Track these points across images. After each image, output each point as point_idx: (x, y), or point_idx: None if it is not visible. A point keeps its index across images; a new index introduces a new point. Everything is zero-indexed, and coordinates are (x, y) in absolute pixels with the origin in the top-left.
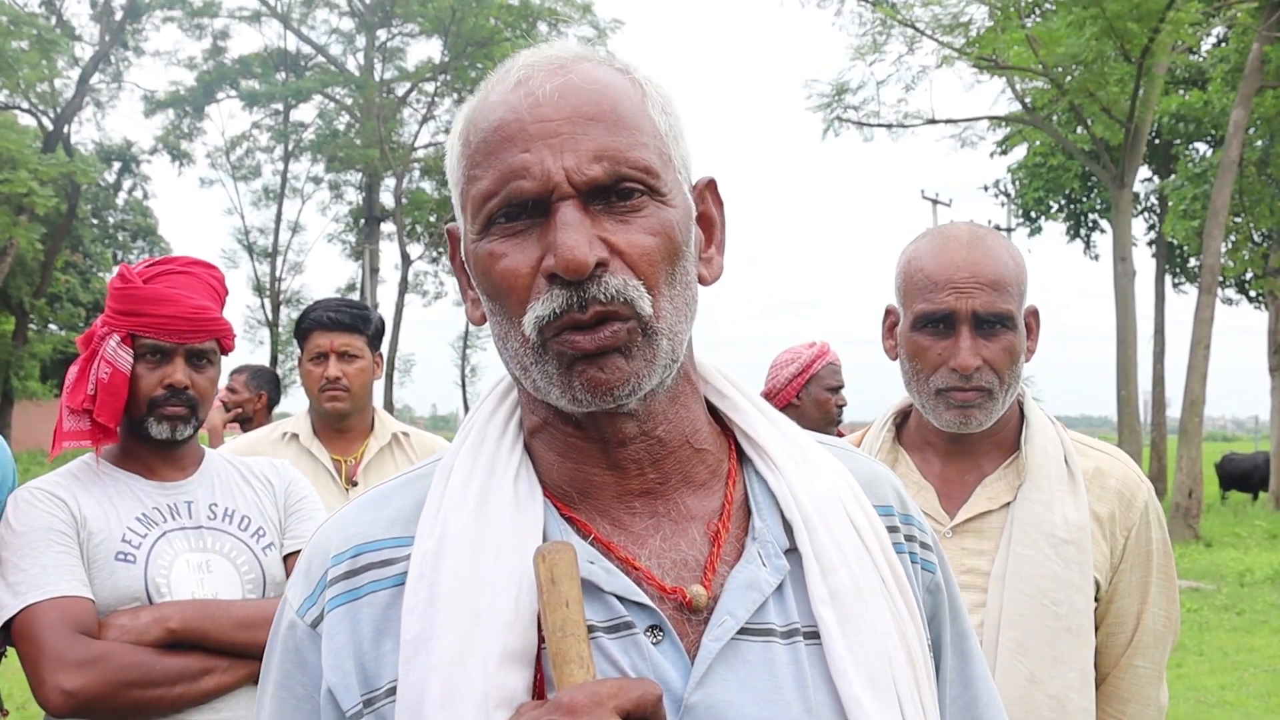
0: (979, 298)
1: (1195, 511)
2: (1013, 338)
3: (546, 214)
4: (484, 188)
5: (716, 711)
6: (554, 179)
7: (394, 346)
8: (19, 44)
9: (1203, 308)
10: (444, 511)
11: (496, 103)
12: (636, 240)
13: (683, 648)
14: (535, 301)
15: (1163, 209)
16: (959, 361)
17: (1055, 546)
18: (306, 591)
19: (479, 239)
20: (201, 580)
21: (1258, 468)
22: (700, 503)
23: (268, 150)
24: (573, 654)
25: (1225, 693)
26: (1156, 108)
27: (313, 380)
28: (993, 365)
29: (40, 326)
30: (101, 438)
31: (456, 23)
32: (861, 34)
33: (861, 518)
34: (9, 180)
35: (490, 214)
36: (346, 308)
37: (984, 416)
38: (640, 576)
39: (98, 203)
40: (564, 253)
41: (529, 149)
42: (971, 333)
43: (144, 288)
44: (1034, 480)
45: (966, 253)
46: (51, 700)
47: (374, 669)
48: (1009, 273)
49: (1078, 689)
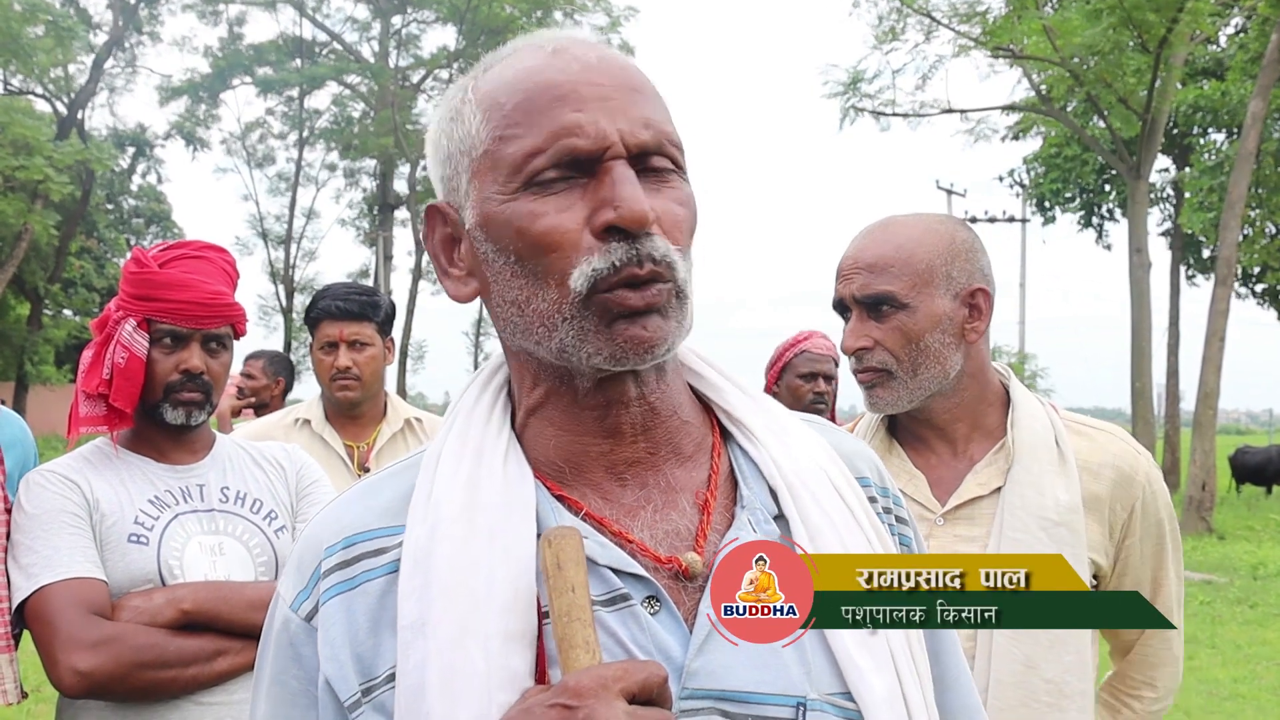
0: (856, 281)
1: (1208, 504)
2: (903, 317)
3: (591, 174)
4: (528, 145)
5: (717, 677)
6: (609, 138)
7: (407, 333)
8: (34, 30)
9: (1218, 300)
10: (435, 497)
11: (536, 66)
12: (671, 209)
13: (680, 616)
14: (590, 257)
15: (1179, 200)
16: (844, 344)
17: (1047, 529)
18: (300, 585)
19: (510, 199)
20: (214, 562)
21: (1271, 461)
22: (688, 475)
23: (282, 137)
24: (578, 639)
25: (1237, 686)
26: (1174, 98)
27: (324, 369)
28: (885, 345)
29: (54, 312)
30: (117, 422)
31: (472, 10)
32: (878, 22)
33: (845, 485)
34: (24, 166)
35: (534, 171)
36: (356, 295)
37: (890, 396)
38: (634, 549)
39: (112, 188)
40: (630, 203)
41: (581, 109)
42: (862, 315)
43: (160, 272)
44: (1023, 463)
45: (859, 241)
46: (65, 681)
47: (371, 657)
48: (896, 255)
49: (1075, 672)
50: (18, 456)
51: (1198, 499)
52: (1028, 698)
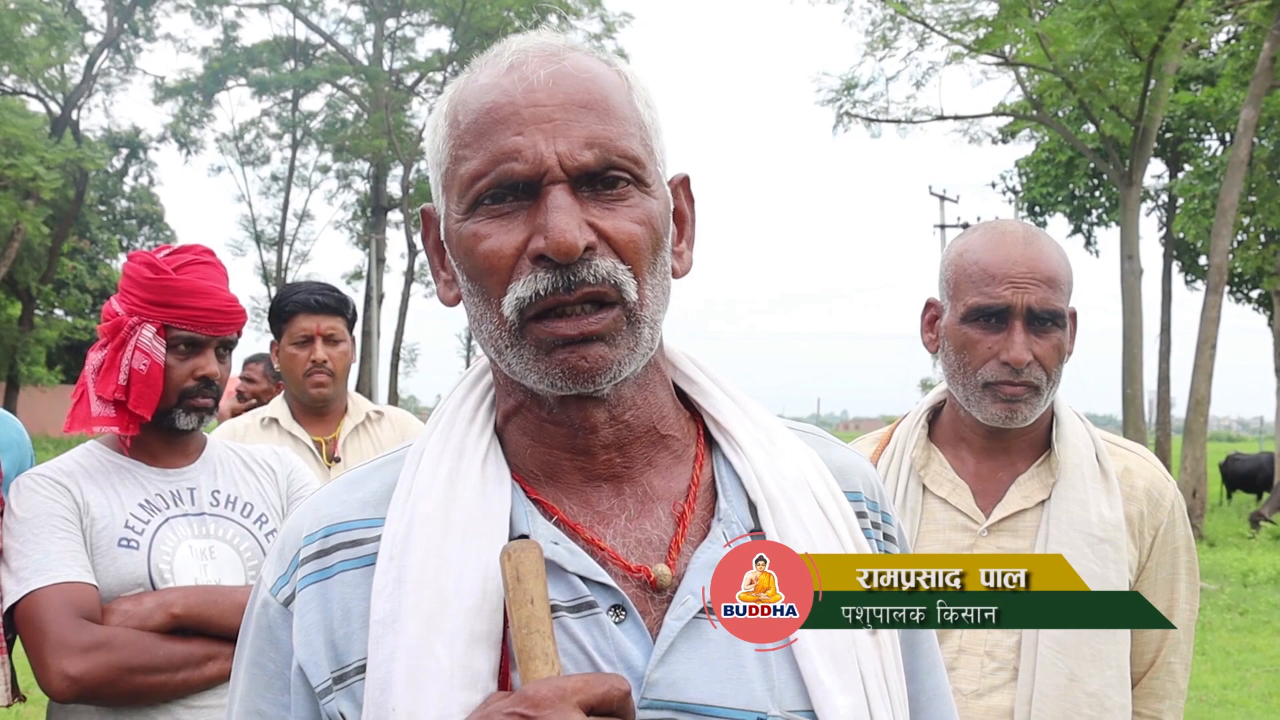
0: (1035, 293)
1: (1199, 511)
2: (1062, 336)
3: (535, 197)
4: (473, 168)
5: (677, 689)
6: (546, 163)
7: (399, 336)
8: (28, 29)
9: (1210, 307)
10: (414, 495)
11: (488, 85)
12: (623, 227)
13: (645, 626)
14: (516, 283)
15: (1171, 206)
16: (1013, 355)
17: (1092, 545)
18: (280, 571)
19: (463, 219)
20: (204, 566)
21: (1262, 468)
22: (667, 484)
23: (276, 138)
24: (538, 650)
25: (1227, 692)
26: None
27: (297, 363)
28: (1042, 362)
29: (47, 312)
30: (130, 425)
31: (467, 13)
32: (872, 30)
33: (830, 501)
34: (16, 165)
35: (478, 194)
36: (329, 291)
37: (1029, 412)
38: (605, 556)
39: (105, 189)
40: (555, 234)
41: (521, 132)
42: (1024, 328)
43: (177, 279)
44: (1068, 479)
45: (1024, 248)
46: (55, 685)
47: (344, 646)
48: (1062, 271)
49: (1116, 686)
50: (14, 458)
51: (1188, 506)
52: (1070, 710)
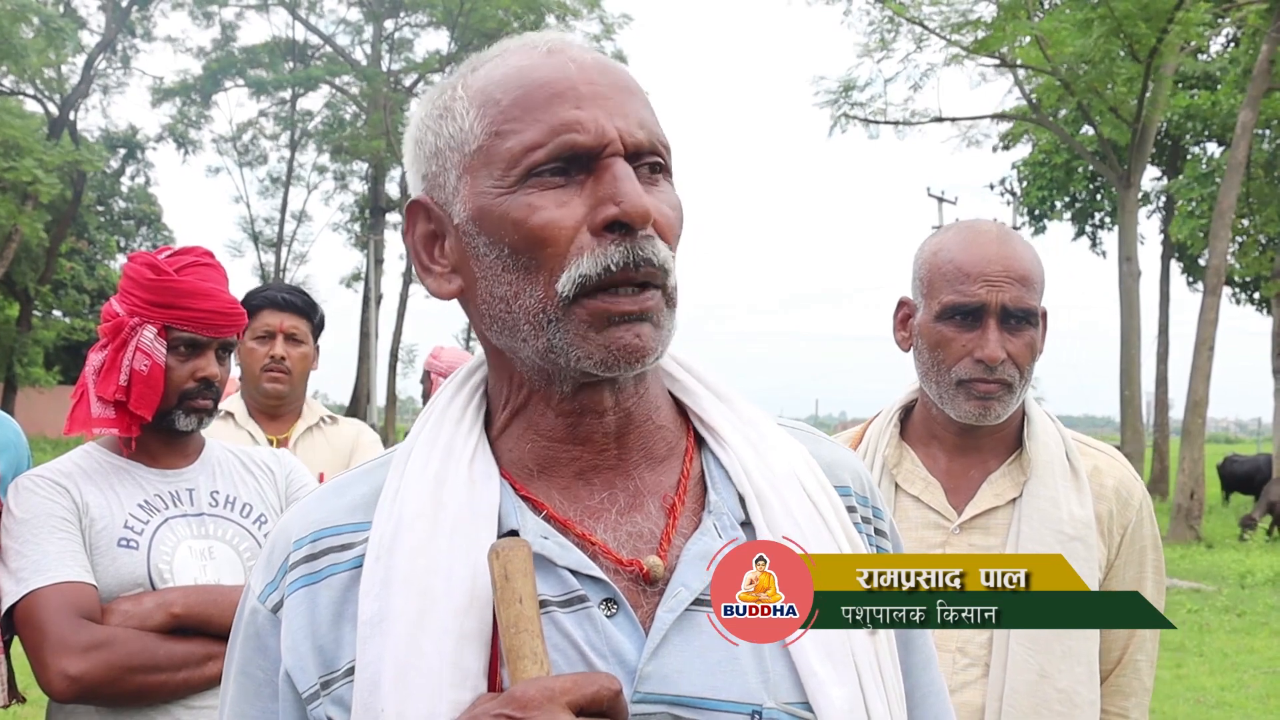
0: (1009, 292)
1: (1197, 513)
2: (1034, 334)
3: (589, 172)
4: (528, 139)
5: (670, 682)
6: (609, 135)
7: (397, 337)
8: (25, 31)
9: (1207, 309)
10: (401, 495)
11: (532, 65)
12: (664, 211)
13: (637, 619)
14: (581, 257)
15: (1169, 209)
16: (987, 353)
17: (1063, 543)
18: (268, 577)
19: (509, 192)
20: (204, 567)
21: (1260, 470)
22: (657, 478)
23: (273, 138)
24: (526, 650)
25: (1225, 694)
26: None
27: (255, 359)
28: (1015, 360)
29: (44, 313)
30: (130, 426)
31: (466, 14)
32: (870, 31)
33: (820, 494)
34: (14, 167)
35: (533, 164)
36: (299, 293)
37: (1001, 409)
38: (596, 550)
39: (103, 190)
40: (632, 199)
41: (580, 106)
42: (998, 326)
43: (180, 280)
44: (1040, 477)
45: (998, 247)
46: (55, 686)
47: (332, 651)
48: (1035, 271)
49: (1085, 682)
50: (11, 459)
51: (1186, 507)
52: (1040, 705)
